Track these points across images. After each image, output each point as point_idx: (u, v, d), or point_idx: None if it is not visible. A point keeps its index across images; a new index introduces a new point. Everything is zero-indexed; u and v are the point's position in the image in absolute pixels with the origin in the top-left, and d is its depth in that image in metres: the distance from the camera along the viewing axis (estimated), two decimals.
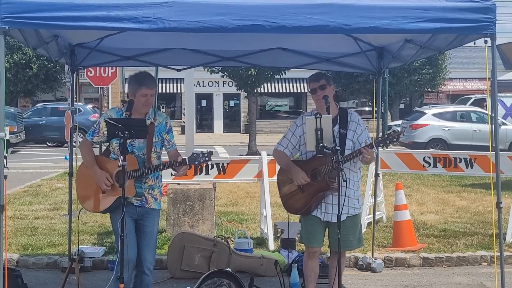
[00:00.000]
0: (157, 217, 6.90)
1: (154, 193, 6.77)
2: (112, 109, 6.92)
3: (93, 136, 6.77)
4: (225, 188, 16.32)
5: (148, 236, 6.76)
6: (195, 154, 6.53)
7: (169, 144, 6.84)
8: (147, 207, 6.71)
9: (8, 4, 5.59)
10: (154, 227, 6.84)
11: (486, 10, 5.96)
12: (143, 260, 6.74)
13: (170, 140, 6.84)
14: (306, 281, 7.25)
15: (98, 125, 6.76)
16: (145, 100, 6.59)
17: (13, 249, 10.07)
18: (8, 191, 15.56)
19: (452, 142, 27.45)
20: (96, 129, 6.76)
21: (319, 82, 6.92)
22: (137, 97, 6.59)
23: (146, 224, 6.73)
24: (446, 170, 11.43)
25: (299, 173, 6.84)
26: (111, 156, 6.72)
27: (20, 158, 26.86)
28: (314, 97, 6.98)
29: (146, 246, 6.75)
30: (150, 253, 6.81)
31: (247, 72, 27.37)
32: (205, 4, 5.74)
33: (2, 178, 5.82)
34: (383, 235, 11.10)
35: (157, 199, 6.81)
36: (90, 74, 16.07)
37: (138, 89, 6.59)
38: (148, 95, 6.59)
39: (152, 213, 6.78)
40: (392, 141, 6.65)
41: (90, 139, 6.78)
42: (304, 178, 6.80)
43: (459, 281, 9.02)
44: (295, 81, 50.67)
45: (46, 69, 38.48)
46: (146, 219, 6.73)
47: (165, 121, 6.86)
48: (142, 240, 6.74)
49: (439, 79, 44.90)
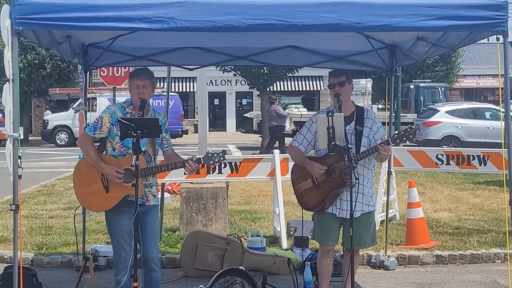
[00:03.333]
0: (156, 213, 6.97)
1: (152, 190, 6.80)
2: (115, 105, 6.88)
3: (95, 132, 6.61)
4: (238, 187, 16.34)
5: (150, 233, 6.77)
6: (209, 154, 6.54)
7: (167, 143, 6.86)
8: (147, 204, 6.72)
9: (21, 6, 5.64)
10: (155, 223, 6.90)
11: (497, 7, 5.96)
12: (149, 258, 6.73)
13: (168, 140, 6.88)
14: (320, 279, 7.26)
15: (100, 120, 6.63)
16: (137, 92, 6.59)
17: (28, 248, 10.13)
18: (23, 191, 15.63)
19: (466, 139, 27.31)
20: (99, 124, 6.63)
21: (339, 78, 6.94)
22: (132, 90, 6.63)
23: (147, 222, 6.73)
24: (459, 167, 11.37)
25: (314, 165, 6.83)
26: (110, 154, 6.63)
27: (34, 158, 26.97)
28: (331, 92, 7.00)
29: (150, 244, 6.75)
30: (155, 250, 6.82)
31: (260, 70, 27.41)
32: (216, 4, 5.77)
33: (17, 178, 5.86)
34: (396, 233, 11.09)
35: (155, 196, 6.86)
36: (103, 73, 16.09)
37: (131, 82, 6.64)
38: (139, 86, 6.58)
39: (152, 210, 6.81)
40: (408, 137, 6.68)
41: (92, 134, 6.62)
42: (320, 168, 6.77)
43: (472, 279, 9.00)
44: (307, 79, 50.66)
45: (60, 69, 38.54)
46: (146, 217, 6.72)
47: (164, 120, 6.87)
48: (146, 239, 6.72)
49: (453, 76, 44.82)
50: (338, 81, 6.92)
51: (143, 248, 6.75)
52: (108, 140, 6.68)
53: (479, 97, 52.77)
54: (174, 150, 6.95)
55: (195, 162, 6.50)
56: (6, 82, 5.81)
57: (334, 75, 7.02)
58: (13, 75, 5.74)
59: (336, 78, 6.96)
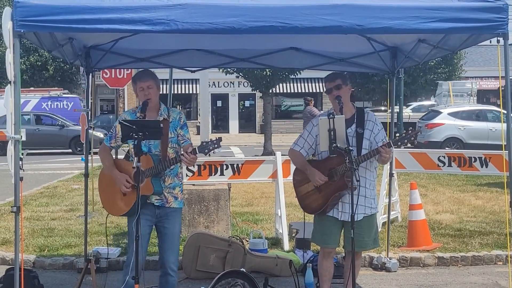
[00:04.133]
0: (178, 217, 6.90)
1: (174, 192, 6.76)
2: (127, 112, 6.98)
3: (111, 141, 6.82)
4: (240, 189, 16.34)
5: (170, 237, 6.76)
6: (204, 143, 6.51)
7: (183, 139, 6.82)
8: (167, 206, 6.70)
9: (23, 8, 5.64)
10: (175, 228, 6.83)
11: (498, 9, 5.96)
12: (166, 261, 6.75)
13: (185, 135, 6.83)
14: (321, 281, 7.25)
15: (114, 129, 6.80)
16: (143, 94, 6.64)
17: (30, 250, 10.15)
18: (25, 193, 15.68)
19: (468, 141, 27.28)
20: (113, 133, 6.80)
21: (335, 82, 6.94)
22: (138, 94, 6.70)
23: (166, 226, 6.74)
24: (461, 169, 11.39)
25: (315, 174, 6.83)
26: (130, 159, 6.76)
27: (37, 160, 26.99)
28: (330, 97, 7.01)
29: (168, 248, 6.75)
30: (173, 254, 6.80)
31: (262, 72, 27.41)
32: (218, 6, 5.77)
33: (18, 179, 5.86)
34: (398, 235, 11.09)
35: (177, 197, 6.80)
36: (105, 75, 16.12)
37: (135, 86, 6.70)
38: (144, 88, 6.64)
39: (173, 213, 6.77)
40: (410, 139, 6.66)
41: (108, 144, 6.82)
42: (321, 178, 6.79)
43: (474, 281, 9.00)
44: (310, 81, 50.68)
45: (62, 71, 38.66)
46: (166, 221, 6.73)
47: (179, 116, 6.88)
48: (164, 242, 6.75)
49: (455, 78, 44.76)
50: (335, 85, 6.93)
51: (161, 251, 6.81)
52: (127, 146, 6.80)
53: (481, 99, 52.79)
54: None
55: (191, 153, 6.48)
56: (8, 84, 5.82)
57: (329, 80, 7.02)
58: (15, 77, 5.75)
59: (332, 82, 6.97)
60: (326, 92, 7.04)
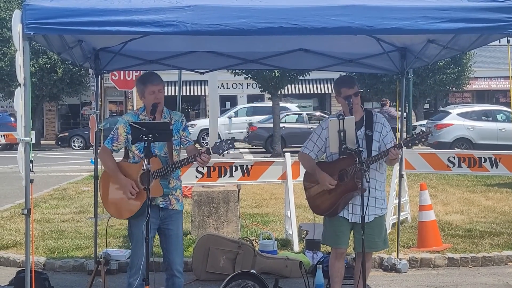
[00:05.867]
0: (180, 218, 6.91)
1: (176, 194, 6.78)
2: (128, 114, 6.95)
3: (113, 144, 6.75)
4: (249, 190, 16.35)
5: (174, 239, 6.77)
6: (218, 143, 6.49)
7: (186, 140, 6.84)
8: (171, 208, 6.71)
9: (32, 10, 5.65)
10: (179, 229, 6.84)
11: (508, 9, 5.93)
12: (172, 263, 6.76)
13: (187, 136, 6.86)
14: (332, 282, 7.24)
15: (116, 131, 6.75)
16: (154, 97, 6.62)
17: (40, 252, 10.17)
18: (35, 195, 15.73)
19: (478, 141, 27.21)
20: (115, 135, 6.75)
21: (354, 89, 6.88)
22: (146, 96, 6.66)
23: (170, 228, 6.74)
24: (471, 170, 11.36)
25: (325, 178, 6.82)
26: (130, 160, 6.74)
27: (46, 162, 27.05)
28: (340, 100, 6.96)
29: (173, 250, 6.76)
30: (178, 256, 6.81)
31: (271, 73, 27.39)
32: (227, 8, 5.77)
33: (28, 182, 5.87)
34: (408, 236, 11.07)
35: (179, 200, 6.83)
36: (114, 77, 16.12)
37: (145, 89, 6.66)
38: (156, 91, 6.63)
39: (175, 215, 6.78)
40: (420, 140, 6.64)
41: (110, 146, 6.75)
42: (331, 182, 6.78)
43: (484, 281, 8.97)
44: (319, 82, 50.57)
45: (71, 73, 38.61)
46: (169, 223, 6.74)
47: (181, 119, 6.89)
48: (169, 245, 6.75)
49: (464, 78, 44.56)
50: (354, 92, 6.87)
51: (166, 253, 6.81)
52: (128, 149, 6.77)
53: (490, 99, 52.62)
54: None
55: (205, 153, 6.47)
56: (18, 86, 5.83)
57: (347, 85, 6.91)
58: (25, 79, 5.76)
59: (351, 89, 6.87)
60: (345, 99, 6.87)
